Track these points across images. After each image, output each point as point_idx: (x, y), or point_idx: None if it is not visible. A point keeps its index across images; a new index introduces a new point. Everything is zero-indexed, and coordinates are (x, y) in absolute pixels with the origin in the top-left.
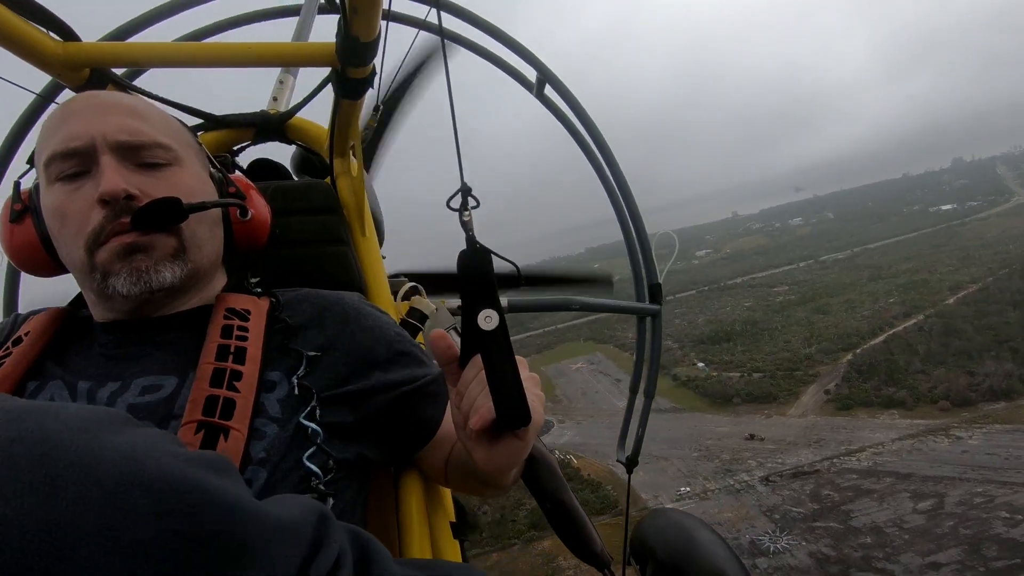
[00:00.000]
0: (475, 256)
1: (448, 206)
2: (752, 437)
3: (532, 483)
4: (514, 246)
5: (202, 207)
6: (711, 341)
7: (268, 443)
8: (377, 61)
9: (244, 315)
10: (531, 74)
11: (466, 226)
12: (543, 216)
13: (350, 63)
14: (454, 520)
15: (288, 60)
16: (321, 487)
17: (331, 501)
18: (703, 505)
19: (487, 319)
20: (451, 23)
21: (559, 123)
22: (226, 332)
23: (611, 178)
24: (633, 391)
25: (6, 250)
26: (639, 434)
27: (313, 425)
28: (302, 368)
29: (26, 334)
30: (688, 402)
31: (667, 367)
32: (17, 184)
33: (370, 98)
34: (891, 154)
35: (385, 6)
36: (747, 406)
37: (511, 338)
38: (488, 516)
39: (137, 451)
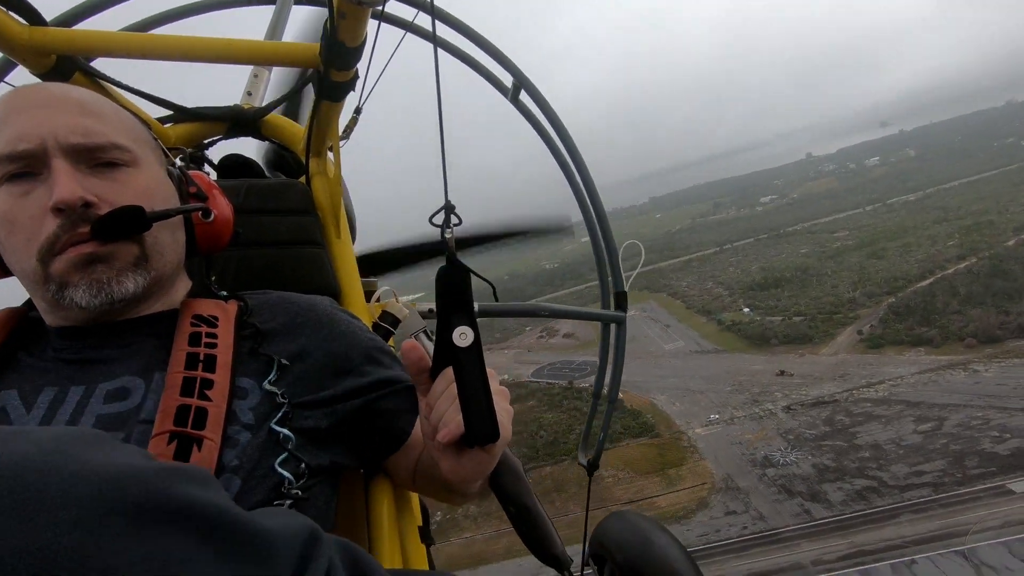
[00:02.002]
0: (454, 273)
1: (431, 222)
2: (782, 373)
3: (497, 487)
4: (573, 199)
5: (166, 215)
6: (760, 287)
7: (240, 451)
8: (362, 65)
9: (212, 321)
10: (507, 79)
11: (447, 243)
12: (607, 166)
13: (334, 66)
14: (421, 524)
15: (271, 59)
16: (294, 492)
17: (304, 502)
18: (728, 429)
19: (462, 336)
20: (427, 24)
21: (533, 129)
22: (194, 340)
23: (581, 185)
24: (596, 395)
25: None
26: (600, 438)
27: (285, 431)
28: (273, 374)
29: None
30: (729, 344)
31: (713, 312)
32: None
33: (351, 99)
34: (994, 79)
35: (378, 7)
36: (784, 347)
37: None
38: (543, 438)
39: (114, 470)
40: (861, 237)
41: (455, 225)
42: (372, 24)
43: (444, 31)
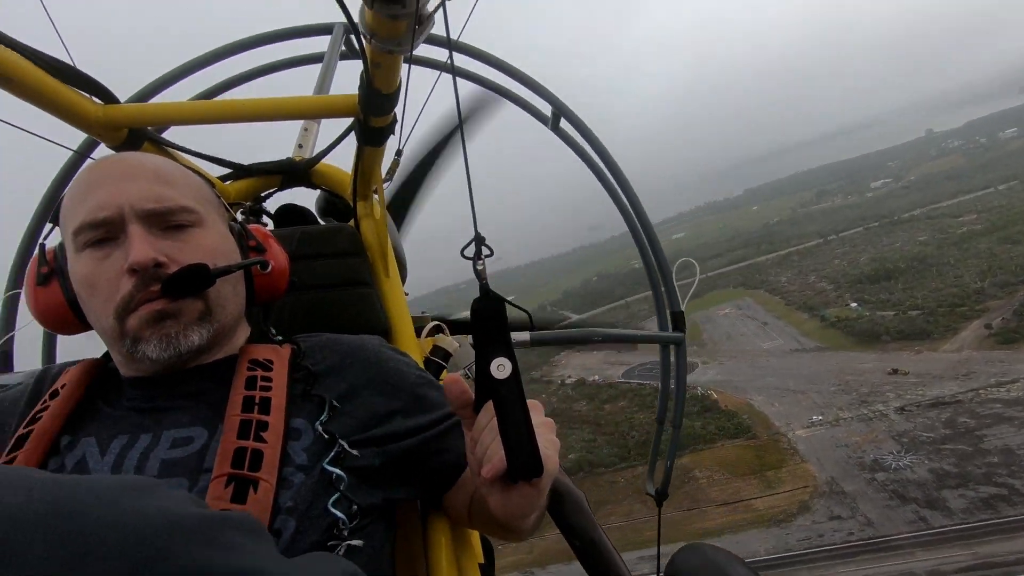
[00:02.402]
0: (488, 304)
1: (462, 255)
2: (895, 372)
3: (560, 519)
4: (662, 192)
5: (227, 271)
6: (870, 280)
7: (295, 492)
8: (399, 108)
9: (267, 365)
10: (546, 108)
11: (479, 274)
12: (695, 153)
13: (372, 113)
14: (482, 562)
15: (313, 112)
16: (346, 533)
17: (358, 544)
18: (833, 431)
19: (500, 367)
20: (467, 63)
21: (583, 163)
22: (250, 383)
23: (630, 208)
24: (660, 422)
25: (32, 312)
26: (668, 465)
27: (337, 471)
28: (325, 414)
29: (62, 386)
30: (834, 341)
31: (816, 308)
32: (42, 247)
33: (392, 142)
34: None
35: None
36: (896, 343)
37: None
38: (635, 438)
39: (165, 520)
40: (992, 220)
41: (487, 256)
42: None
43: (484, 69)
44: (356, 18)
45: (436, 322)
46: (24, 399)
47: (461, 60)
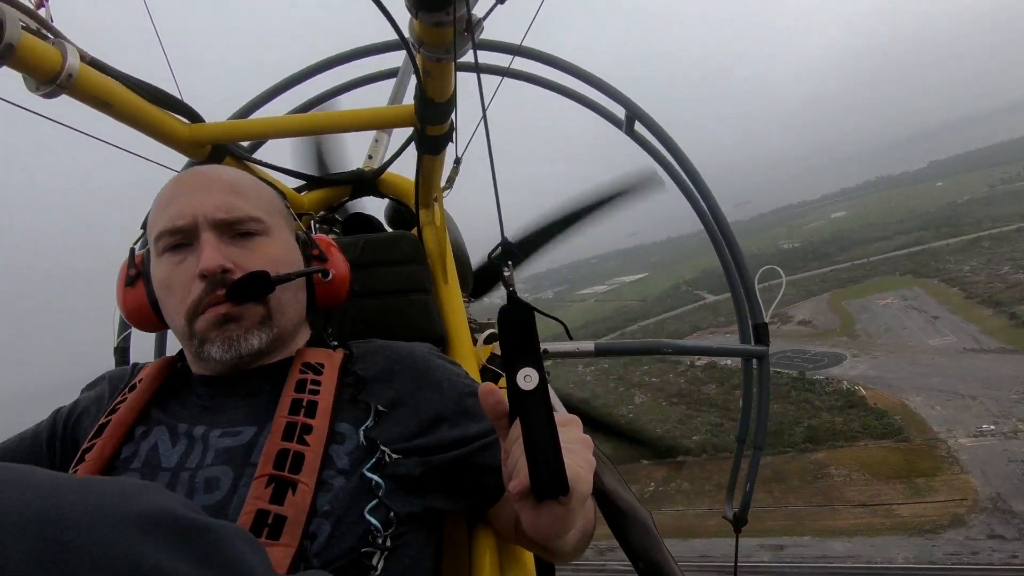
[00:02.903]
0: (516, 312)
1: (490, 258)
2: None
3: (622, 540)
4: (824, 167)
5: (287, 279)
6: None
7: (333, 496)
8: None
9: (318, 368)
10: (620, 112)
11: (507, 281)
12: (867, 121)
13: (428, 122)
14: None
15: (374, 123)
16: (380, 541)
17: (392, 552)
18: (1007, 443)
19: (527, 378)
20: (537, 69)
21: (652, 159)
22: (300, 386)
23: (709, 214)
24: (740, 441)
25: (121, 310)
26: (747, 489)
27: (376, 477)
28: (370, 420)
29: (139, 381)
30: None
31: (1006, 304)
32: (132, 251)
33: (451, 150)
34: None
35: (468, 58)
36: None
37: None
38: (768, 427)
39: (146, 524)
40: None
41: (515, 263)
42: (466, 76)
43: (555, 74)
44: (406, 30)
45: (493, 330)
46: (107, 393)
47: (520, 64)
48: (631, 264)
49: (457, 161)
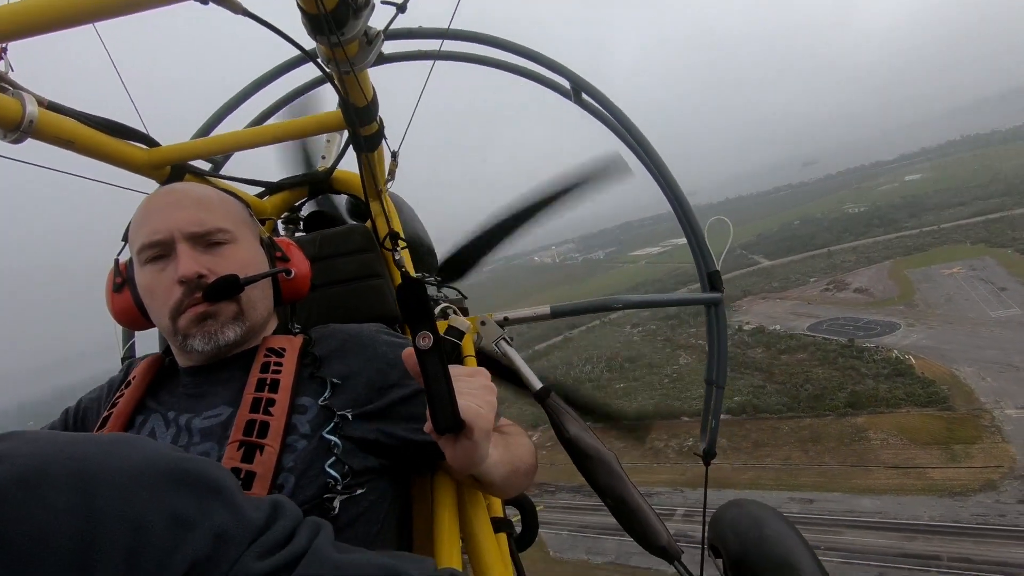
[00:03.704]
0: (410, 287)
1: (382, 246)
2: None
3: (591, 480)
4: (903, 126)
5: (254, 280)
6: None
7: (297, 455)
8: (392, 103)
9: (280, 352)
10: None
11: (398, 263)
12: (953, 77)
13: (357, 124)
14: (500, 516)
15: (310, 131)
16: (339, 488)
17: (350, 498)
18: None
19: (423, 339)
20: (479, 50)
21: (608, 129)
22: (264, 368)
23: (660, 174)
24: (708, 382)
25: (111, 313)
26: (712, 425)
27: (334, 439)
28: (327, 391)
29: (133, 378)
30: None
31: None
32: (116, 262)
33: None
34: None
35: (387, 48)
36: None
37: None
38: (807, 391)
39: (143, 458)
40: None
41: (403, 248)
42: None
43: (500, 52)
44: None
45: (446, 304)
46: (106, 391)
47: (463, 46)
48: None
49: (394, 155)
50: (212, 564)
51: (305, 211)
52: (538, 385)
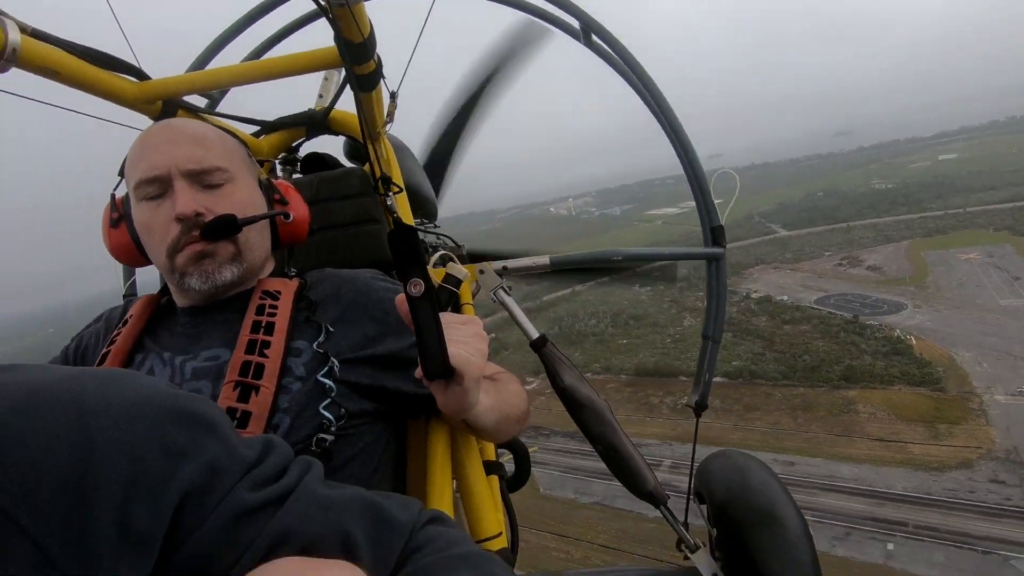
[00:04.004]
0: (402, 234)
1: (376, 190)
2: None
3: (584, 428)
4: (970, 97)
5: (252, 221)
6: None
7: (291, 397)
8: (395, 44)
9: (275, 295)
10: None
11: (390, 208)
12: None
13: (353, 61)
14: (494, 459)
15: (304, 67)
16: (332, 430)
17: (343, 437)
18: None
19: (415, 286)
20: None
21: (615, 73)
22: (260, 310)
23: (667, 122)
24: (704, 336)
25: (108, 248)
26: (706, 378)
27: (329, 382)
28: (322, 336)
29: (131, 316)
30: None
31: None
32: (113, 196)
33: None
34: None
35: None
36: None
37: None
38: (805, 362)
39: (140, 392)
40: None
41: (396, 193)
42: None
43: None
44: None
45: (443, 252)
46: (103, 329)
47: None
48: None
49: (393, 96)
50: (205, 494)
51: (303, 152)
52: (535, 334)
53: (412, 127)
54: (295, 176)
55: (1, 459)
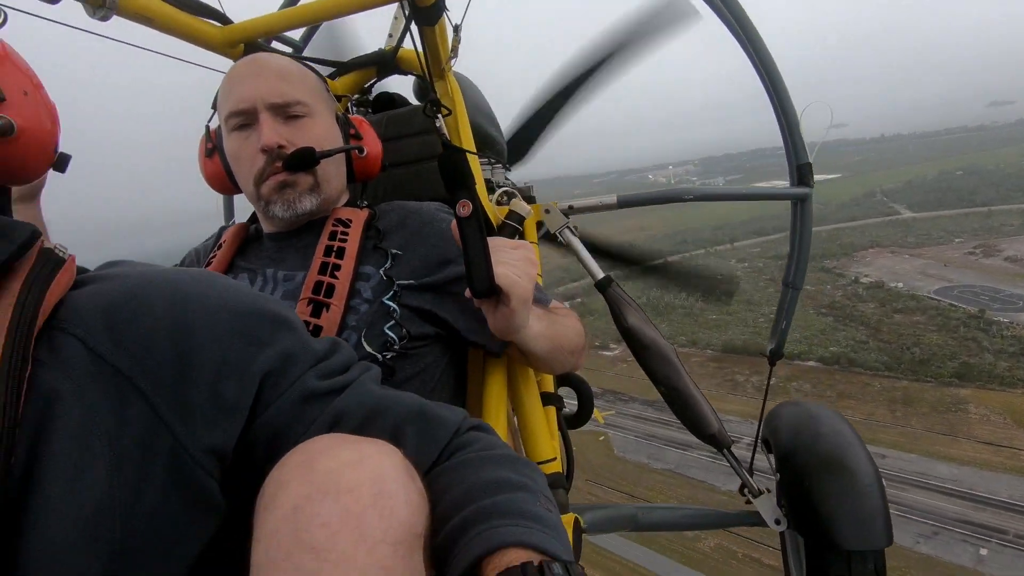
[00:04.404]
0: (451, 155)
1: (425, 113)
2: None
3: (647, 369)
4: None
5: (329, 154)
6: None
7: (359, 316)
8: None
9: (347, 223)
10: None
11: (439, 131)
12: None
13: None
14: (550, 391)
15: (369, 3)
16: (396, 348)
17: (405, 355)
18: None
19: (463, 207)
20: None
21: None
22: (332, 236)
23: (756, 55)
24: (784, 284)
25: (204, 177)
26: (783, 326)
27: (393, 305)
28: (388, 262)
29: (224, 242)
30: None
31: None
32: (207, 128)
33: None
34: None
35: None
36: None
37: None
38: (914, 354)
39: (234, 292)
40: None
41: (446, 115)
42: None
43: None
44: None
45: (506, 189)
46: (202, 252)
47: None
48: (825, 161)
49: (456, 29)
50: (281, 376)
51: (375, 92)
52: (600, 275)
53: (476, 65)
54: (368, 116)
55: (118, 331)
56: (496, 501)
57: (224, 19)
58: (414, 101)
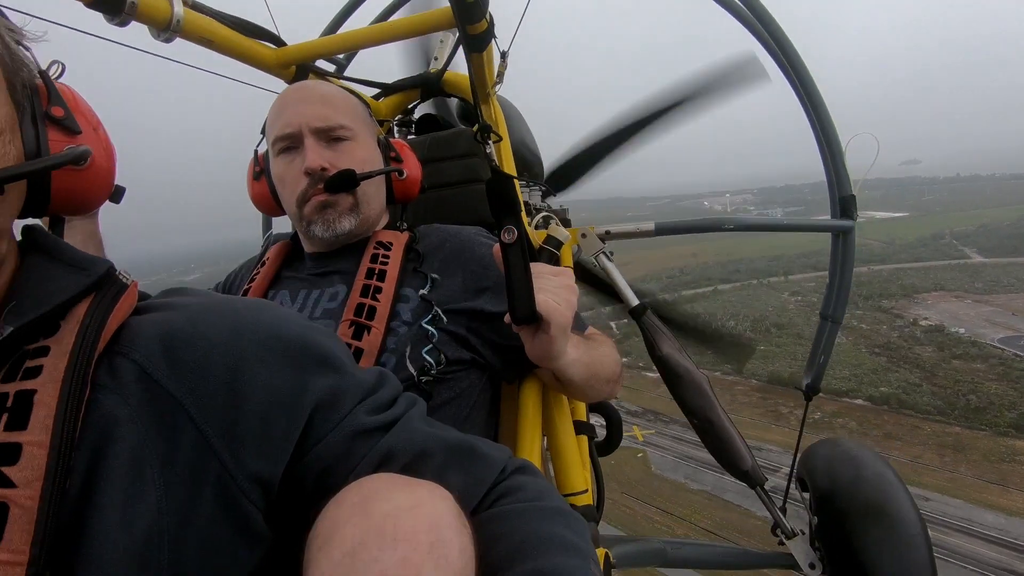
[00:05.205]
0: (499, 181)
1: (475, 138)
2: None
3: (679, 399)
4: None
5: (369, 176)
6: None
7: (398, 338)
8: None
9: (388, 246)
10: None
11: (489, 158)
12: None
13: (465, 21)
14: (584, 420)
15: (416, 30)
16: (433, 373)
17: (441, 380)
18: None
19: (508, 233)
20: None
21: (739, 23)
22: (374, 259)
23: (798, 81)
24: (823, 316)
25: (251, 199)
26: (821, 361)
27: (432, 329)
28: (427, 286)
29: (268, 259)
30: None
31: None
32: (256, 152)
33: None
34: None
35: None
36: None
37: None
38: (970, 401)
39: (281, 316)
40: None
41: (495, 141)
42: None
43: None
44: None
45: (545, 213)
46: (247, 267)
47: None
48: (893, 198)
49: (503, 55)
50: (331, 410)
51: (418, 113)
52: (635, 301)
53: (520, 87)
54: (410, 137)
55: (177, 356)
56: (555, 565)
57: (279, 41)
58: (457, 122)
